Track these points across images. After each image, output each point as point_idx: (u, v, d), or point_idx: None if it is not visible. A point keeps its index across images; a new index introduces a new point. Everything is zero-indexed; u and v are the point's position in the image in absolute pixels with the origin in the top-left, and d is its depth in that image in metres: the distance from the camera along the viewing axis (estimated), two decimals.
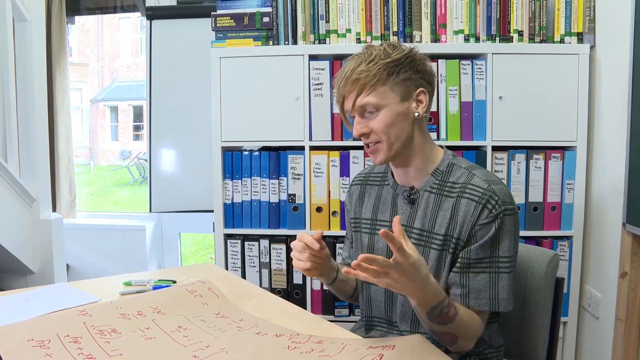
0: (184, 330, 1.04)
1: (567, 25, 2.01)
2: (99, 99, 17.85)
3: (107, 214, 3.60)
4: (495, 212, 1.08)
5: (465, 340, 1.09)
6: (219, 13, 2.11)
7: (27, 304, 1.22)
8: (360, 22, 2.06)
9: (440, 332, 1.05)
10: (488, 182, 1.11)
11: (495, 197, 1.09)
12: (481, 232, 1.09)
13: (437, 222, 1.15)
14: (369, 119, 1.14)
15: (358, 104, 1.13)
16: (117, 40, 18.46)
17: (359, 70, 1.12)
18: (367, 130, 1.14)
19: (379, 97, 1.12)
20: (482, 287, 1.09)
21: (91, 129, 17.60)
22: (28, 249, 2.25)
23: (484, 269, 1.10)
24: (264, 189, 2.14)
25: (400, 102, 1.14)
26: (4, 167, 2.11)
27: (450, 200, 1.14)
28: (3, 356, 0.86)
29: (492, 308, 1.10)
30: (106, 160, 16.85)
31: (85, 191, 11.16)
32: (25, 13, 2.21)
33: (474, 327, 1.09)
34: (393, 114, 1.13)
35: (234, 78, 2.09)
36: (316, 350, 0.94)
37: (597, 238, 1.98)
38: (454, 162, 1.19)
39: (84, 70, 18.14)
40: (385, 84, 1.12)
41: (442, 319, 1.02)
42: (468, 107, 2.03)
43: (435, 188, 1.17)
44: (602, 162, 1.96)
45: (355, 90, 1.12)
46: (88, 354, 0.91)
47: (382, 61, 1.12)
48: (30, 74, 2.24)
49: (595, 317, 1.97)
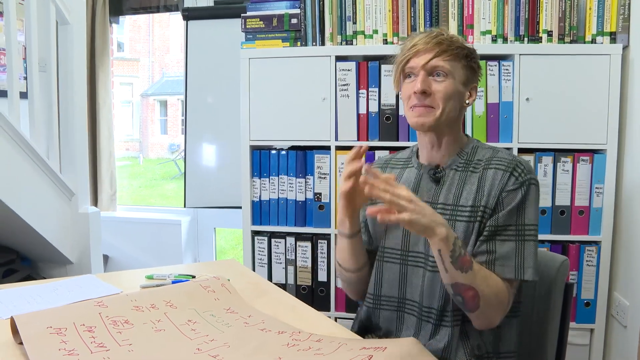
0: (192, 324, 1.09)
1: (600, 25, 1.96)
2: (149, 93, 18.40)
3: (145, 207, 3.74)
4: (522, 179, 1.15)
5: (488, 304, 1.09)
6: (249, 15, 2.16)
7: (55, 293, 1.31)
8: (387, 23, 2.07)
9: (462, 285, 1.07)
10: (512, 156, 1.20)
11: (521, 166, 1.17)
12: (508, 198, 1.14)
13: (463, 195, 1.19)
14: (434, 81, 1.18)
15: (433, 63, 1.16)
16: (167, 36, 18.98)
17: (443, 38, 1.18)
18: (430, 91, 1.17)
19: (452, 67, 1.18)
20: (509, 254, 1.13)
21: (141, 122, 18.17)
22: (67, 240, 2.39)
23: (510, 236, 1.14)
24: (290, 187, 2.18)
25: (462, 84, 1.21)
26: (45, 163, 2.24)
27: (476, 175, 1.19)
28: (24, 341, 0.94)
29: (517, 276, 1.12)
30: (155, 154, 17.35)
31: (133, 184, 11.56)
32: (67, 17, 2.34)
33: (495, 288, 1.10)
34: (455, 88, 1.19)
35: (263, 78, 2.14)
36: (313, 349, 0.97)
37: (627, 244, 1.93)
38: (479, 145, 1.26)
39: (135, 65, 18.75)
40: (460, 61, 1.19)
41: (463, 262, 1.06)
42: (494, 108, 2.01)
43: (461, 166, 1.22)
44: (633, 166, 1.90)
45: (436, 50, 1.16)
46: (100, 342, 0.97)
47: (463, 44, 1.21)
48: (71, 74, 2.37)
49: (624, 325, 1.92)
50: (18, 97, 2.13)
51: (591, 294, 2.00)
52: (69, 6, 2.35)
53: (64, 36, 2.37)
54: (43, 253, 2.41)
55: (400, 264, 1.25)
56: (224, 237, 6.21)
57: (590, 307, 2.00)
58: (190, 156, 2.85)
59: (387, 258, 1.28)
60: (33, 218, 2.20)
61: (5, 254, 2.39)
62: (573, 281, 1.99)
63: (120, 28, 17.84)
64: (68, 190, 2.38)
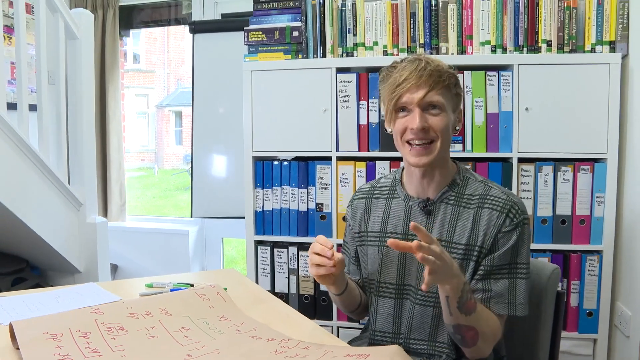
0: (185, 331, 1.12)
1: (599, 34, 1.97)
2: (164, 104, 18.60)
3: (154, 218, 3.79)
4: (517, 220, 1.16)
5: (485, 341, 1.13)
6: (251, 28, 2.20)
7: (57, 300, 1.34)
8: (387, 35, 2.10)
9: (465, 326, 1.09)
10: (506, 194, 1.19)
11: (516, 207, 1.17)
12: (504, 239, 1.16)
13: (457, 232, 1.19)
14: (430, 115, 1.18)
15: (428, 99, 1.16)
16: (182, 48, 19.20)
17: (431, 69, 1.16)
18: (428, 126, 1.17)
19: (445, 99, 1.18)
20: (502, 292, 1.15)
21: (157, 133, 18.36)
22: (75, 249, 2.44)
23: (504, 275, 1.16)
24: (293, 197, 2.21)
25: (453, 112, 1.22)
26: (54, 174, 2.29)
27: (470, 211, 1.19)
28: (20, 346, 0.97)
29: (510, 312, 1.15)
30: (170, 164, 17.50)
31: (147, 194, 11.66)
32: (76, 32, 2.40)
33: (493, 326, 1.14)
34: (449, 119, 1.20)
35: (265, 90, 2.17)
36: (300, 355, 0.99)
37: (629, 253, 1.92)
38: (469, 176, 1.25)
39: (151, 77, 18.98)
40: (450, 90, 1.19)
41: (468, 306, 1.07)
42: (494, 118, 2.02)
43: (452, 199, 1.22)
44: (634, 175, 1.90)
45: (429, 84, 1.15)
46: (94, 347, 1.00)
47: (447, 70, 1.20)
48: (79, 88, 2.43)
49: (626, 335, 1.91)
50: (27, 110, 2.19)
51: (593, 304, 1.99)
52: (77, 22, 2.41)
53: (72, 50, 2.44)
54: (52, 262, 2.46)
55: (395, 299, 1.27)
56: (235, 247, 6.24)
57: (593, 317, 1.99)
58: (197, 167, 2.89)
59: (382, 293, 1.29)
60: (41, 228, 2.25)
61: (15, 263, 2.45)
62: (564, 290, 1.99)
63: (136, 40, 18.12)
64: (76, 200, 2.44)
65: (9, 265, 2.42)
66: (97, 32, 3.29)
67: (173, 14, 3.88)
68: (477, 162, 2.02)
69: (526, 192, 2.00)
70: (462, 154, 2.04)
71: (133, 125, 17.58)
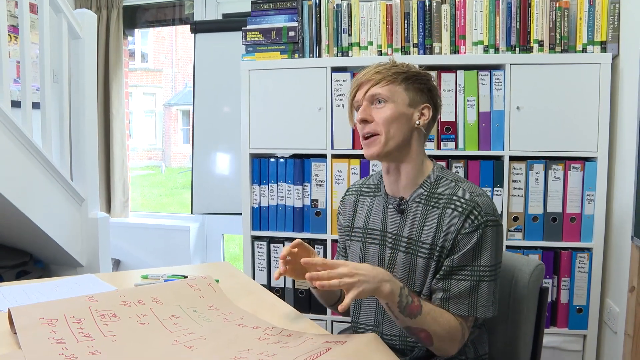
0: (175, 319, 1.16)
1: (590, 34, 2.00)
2: (171, 103, 18.68)
3: (156, 214, 3.85)
4: (477, 222, 1.14)
5: (441, 341, 1.14)
6: (249, 28, 2.25)
7: (55, 290, 1.40)
8: (381, 35, 2.14)
9: (414, 328, 1.12)
10: (472, 194, 1.18)
11: (478, 209, 1.15)
12: (464, 241, 1.15)
13: (424, 231, 1.21)
14: (374, 109, 1.22)
15: (370, 92, 1.21)
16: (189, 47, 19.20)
17: (381, 67, 1.23)
18: (370, 119, 1.21)
19: (390, 92, 1.21)
20: (463, 294, 1.15)
21: (164, 132, 18.45)
22: (77, 244, 2.50)
23: (465, 276, 1.16)
24: (289, 194, 2.25)
25: (407, 106, 1.22)
26: (57, 170, 2.35)
27: (437, 211, 1.20)
28: (17, 330, 1.02)
29: (470, 313, 1.15)
30: (178, 163, 17.56)
31: (154, 192, 11.75)
32: (79, 32, 2.46)
33: (446, 326, 1.13)
34: (397, 111, 1.21)
35: (262, 89, 2.22)
36: (281, 342, 1.03)
37: (617, 251, 1.95)
38: (442, 175, 1.25)
39: (159, 76, 19.05)
40: (400, 84, 1.22)
41: (411, 310, 1.09)
42: (486, 117, 2.05)
43: (424, 199, 1.23)
44: (624, 173, 1.93)
45: (372, 80, 1.21)
46: (87, 333, 1.05)
47: (404, 69, 1.23)
48: (82, 86, 2.49)
49: (614, 331, 1.94)
50: (31, 108, 2.25)
51: (583, 301, 2.02)
52: (80, 22, 2.47)
53: (75, 50, 2.50)
54: (55, 256, 2.52)
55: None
56: (238, 244, 6.28)
57: (583, 314, 2.02)
58: (197, 164, 2.94)
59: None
60: (45, 223, 2.31)
61: (19, 256, 2.51)
62: (554, 286, 2.02)
63: (144, 39, 18.21)
64: (78, 196, 2.50)
65: (14, 259, 2.48)
66: (101, 32, 3.35)
67: (177, 14, 3.94)
68: (469, 160, 2.06)
69: (517, 190, 2.03)
70: (455, 152, 2.08)
71: (141, 123, 17.68)
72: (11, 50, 2.83)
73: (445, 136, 2.08)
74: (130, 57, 5.98)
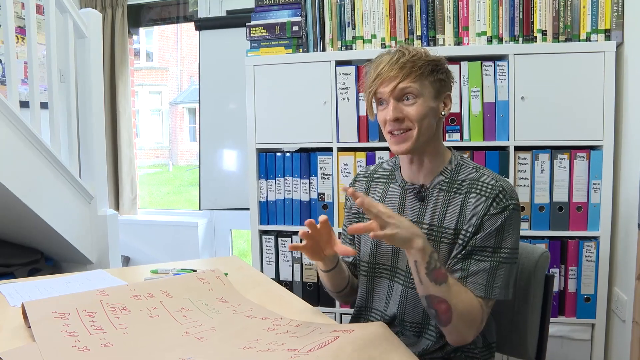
0: (185, 311, 1.18)
1: (594, 23, 1.99)
2: (178, 101, 18.73)
3: (164, 210, 3.89)
4: (503, 204, 1.16)
5: (461, 319, 1.11)
6: (253, 24, 2.26)
7: (67, 285, 1.42)
8: (385, 28, 2.15)
9: (435, 297, 1.10)
10: (496, 180, 1.20)
11: (504, 192, 1.18)
12: (489, 222, 1.16)
13: (447, 217, 1.22)
14: (404, 105, 1.21)
15: (400, 87, 1.19)
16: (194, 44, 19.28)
17: (405, 60, 1.20)
18: (402, 116, 1.21)
19: (421, 86, 1.20)
20: (480, 273, 1.15)
21: (171, 130, 18.52)
22: (87, 241, 2.53)
23: (485, 257, 1.16)
24: (295, 188, 2.27)
25: (433, 99, 1.22)
26: (65, 168, 2.38)
27: (460, 197, 1.21)
28: (31, 324, 1.04)
29: (486, 294, 1.15)
30: (185, 161, 17.63)
31: (162, 190, 11.81)
32: (85, 31, 2.48)
33: (468, 303, 1.12)
34: (427, 106, 1.21)
35: (267, 84, 2.23)
36: (290, 332, 1.05)
37: (624, 239, 1.95)
38: (462, 162, 1.27)
39: (164, 74, 19.11)
40: (426, 78, 1.21)
41: (437, 274, 1.09)
42: (491, 107, 2.06)
43: (445, 186, 1.24)
44: (630, 161, 1.93)
45: (400, 75, 1.18)
46: (99, 325, 1.07)
47: (426, 58, 1.21)
48: (89, 85, 2.51)
49: (622, 320, 1.94)
50: (39, 107, 2.28)
51: (591, 289, 2.02)
52: (86, 21, 2.49)
53: (81, 49, 2.52)
54: (65, 253, 2.55)
55: (389, 280, 1.31)
56: (247, 240, 6.31)
57: (591, 303, 2.02)
58: (205, 161, 2.96)
59: (378, 273, 1.33)
60: (55, 220, 2.34)
61: (30, 254, 2.55)
62: (561, 275, 2.02)
63: (149, 38, 18.26)
64: (87, 194, 2.52)
65: (25, 257, 2.52)
66: (106, 31, 3.38)
67: (181, 12, 3.96)
68: (475, 151, 2.06)
69: (523, 180, 2.04)
70: (460, 143, 2.08)
71: (147, 122, 17.75)
72: (18, 51, 2.86)
73: (450, 127, 2.08)
74: (136, 56, 6.01)
